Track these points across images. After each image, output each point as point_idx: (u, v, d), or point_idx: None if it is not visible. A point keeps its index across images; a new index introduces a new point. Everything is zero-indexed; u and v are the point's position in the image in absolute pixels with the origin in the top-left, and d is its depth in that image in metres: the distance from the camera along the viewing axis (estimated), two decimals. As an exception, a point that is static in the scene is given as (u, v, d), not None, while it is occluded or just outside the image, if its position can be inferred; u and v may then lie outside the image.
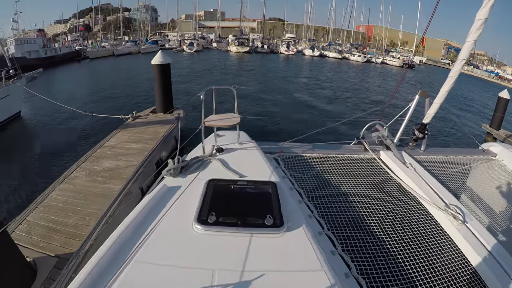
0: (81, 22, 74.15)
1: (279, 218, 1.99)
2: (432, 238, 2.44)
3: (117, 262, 1.62)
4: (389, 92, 24.00)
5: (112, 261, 1.64)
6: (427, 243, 2.36)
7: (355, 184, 3.15)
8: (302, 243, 1.82)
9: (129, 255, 1.66)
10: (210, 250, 1.73)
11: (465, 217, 2.60)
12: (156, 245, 1.76)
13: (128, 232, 1.84)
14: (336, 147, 4.26)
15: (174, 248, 1.74)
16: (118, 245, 1.74)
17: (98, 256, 1.64)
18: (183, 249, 1.73)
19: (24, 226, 4.23)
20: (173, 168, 2.61)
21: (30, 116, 13.68)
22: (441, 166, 3.86)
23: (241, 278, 1.54)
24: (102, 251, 1.67)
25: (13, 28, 38.05)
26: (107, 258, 1.65)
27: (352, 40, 70.99)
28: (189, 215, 2.00)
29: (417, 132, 4.39)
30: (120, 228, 1.85)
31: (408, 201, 2.91)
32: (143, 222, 1.96)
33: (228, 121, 3.16)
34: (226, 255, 1.70)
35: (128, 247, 1.73)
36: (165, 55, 9.49)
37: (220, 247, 1.76)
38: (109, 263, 1.63)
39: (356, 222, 2.56)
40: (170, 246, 1.75)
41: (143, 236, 1.81)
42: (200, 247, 1.75)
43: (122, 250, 1.71)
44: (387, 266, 2.07)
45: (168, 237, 1.83)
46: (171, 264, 1.61)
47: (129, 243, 1.76)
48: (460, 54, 3.66)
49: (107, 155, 6.25)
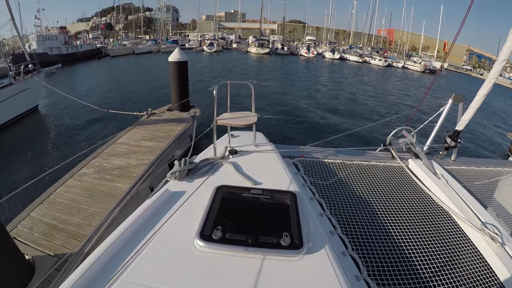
0: (103, 21, 75.72)
1: (298, 237, 1.67)
2: (466, 260, 2.15)
3: (100, 281, 1.34)
4: (410, 97, 23.31)
5: (94, 279, 1.36)
6: (462, 266, 2.08)
7: (382, 196, 2.86)
8: (324, 269, 1.49)
9: (115, 273, 1.37)
10: (213, 273, 1.42)
11: (503, 238, 2.27)
12: (148, 263, 1.45)
13: (117, 245, 1.55)
14: (361, 153, 3.95)
15: (169, 268, 1.43)
16: (104, 260, 1.45)
17: (79, 272, 1.36)
18: (180, 270, 1.42)
19: (27, 222, 4.06)
20: (179, 171, 2.31)
21: (47, 111, 13.80)
22: (473, 178, 3.51)
23: None
24: (84, 267, 1.39)
25: (36, 24, 39.14)
26: (89, 275, 1.37)
27: (373, 44, 69.90)
28: (192, 228, 1.70)
29: (449, 140, 4.04)
30: (109, 239, 1.56)
31: (439, 217, 2.60)
32: (137, 233, 1.67)
33: (243, 120, 2.83)
34: (232, 281, 1.39)
35: (115, 263, 1.44)
36: (182, 52, 9.30)
37: (225, 270, 1.45)
38: (90, 281, 1.36)
39: (383, 240, 2.26)
40: (165, 265, 1.44)
41: (134, 250, 1.52)
42: (201, 269, 1.44)
43: (108, 266, 1.42)
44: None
45: (163, 254, 1.52)
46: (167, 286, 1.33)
47: (118, 258, 1.47)
48: (500, 54, 3.37)
49: (118, 152, 6.06)
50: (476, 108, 3.83)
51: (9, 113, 11.10)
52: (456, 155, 4.16)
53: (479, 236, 2.33)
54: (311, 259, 1.54)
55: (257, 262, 1.49)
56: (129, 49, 44.83)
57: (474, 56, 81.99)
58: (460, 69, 70.52)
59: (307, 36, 74.25)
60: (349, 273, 1.61)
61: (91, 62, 35.56)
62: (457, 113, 4.13)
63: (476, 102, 3.85)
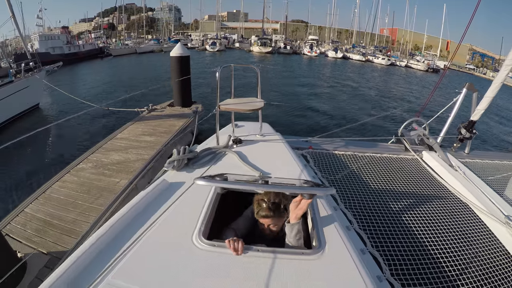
0: (105, 21, 75.72)
1: (316, 234, 1.49)
2: (491, 256, 2.01)
3: (83, 281, 1.14)
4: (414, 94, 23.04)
5: (76, 279, 1.17)
6: (488, 262, 1.94)
7: (397, 189, 2.72)
8: (344, 269, 1.30)
9: (101, 272, 1.17)
10: (218, 275, 1.22)
11: (527, 232, 2.15)
12: (139, 262, 1.25)
13: (104, 241, 1.35)
14: (372, 145, 3.77)
15: (163, 269, 1.22)
16: (89, 258, 1.26)
17: (59, 272, 1.17)
18: (177, 271, 1.22)
19: (21, 218, 3.88)
20: (177, 160, 2.10)
21: (48, 109, 13.66)
22: (489, 172, 3.36)
23: None
24: (65, 266, 1.20)
25: (38, 24, 39.13)
26: (70, 274, 1.18)
27: (376, 43, 69.49)
28: (191, 223, 1.50)
29: (463, 131, 3.86)
30: (96, 235, 1.37)
31: (460, 210, 2.47)
32: (127, 228, 1.47)
33: (248, 105, 2.60)
34: (238, 285, 1.18)
35: (102, 261, 1.24)
36: (184, 47, 9.11)
37: (230, 272, 1.24)
38: (71, 282, 1.16)
39: (404, 236, 2.08)
40: (158, 265, 1.23)
41: (124, 247, 1.32)
42: (202, 271, 1.23)
43: (93, 265, 1.23)
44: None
45: (157, 252, 1.31)
46: None
47: (104, 256, 1.27)
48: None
49: (117, 147, 5.87)
50: (492, 96, 3.67)
51: (10, 111, 10.95)
52: (470, 148, 3.98)
53: (503, 229, 2.22)
54: (330, 258, 1.34)
55: (267, 262, 1.29)
56: (131, 48, 44.77)
57: (477, 55, 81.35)
58: (463, 68, 69.98)
59: (309, 35, 74.01)
60: (372, 272, 1.39)
61: (94, 62, 35.46)
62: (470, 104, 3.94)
63: (492, 90, 3.68)
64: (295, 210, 1.54)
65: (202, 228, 1.46)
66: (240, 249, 1.34)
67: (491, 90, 3.64)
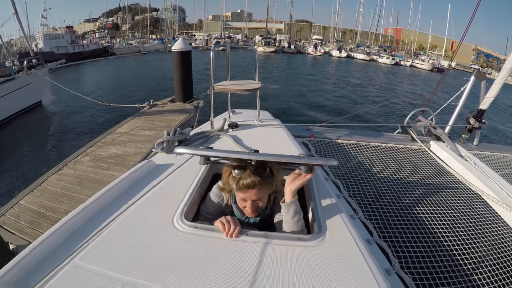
0: (109, 21, 76.10)
1: (315, 219, 1.32)
2: (505, 245, 1.92)
3: (47, 264, 1.01)
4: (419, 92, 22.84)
5: (43, 260, 1.05)
6: (501, 251, 1.85)
7: (405, 179, 2.60)
8: (349, 258, 1.12)
9: (68, 255, 1.05)
10: (196, 260, 1.08)
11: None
12: (111, 244, 1.12)
13: (77, 223, 1.23)
14: (377, 135, 3.65)
15: (137, 251, 1.09)
16: (57, 240, 1.14)
17: (24, 253, 1.05)
18: (151, 254, 1.08)
19: (15, 210, 3.78)
20: (167, 141, 1.98)
21: (51, 105, 13.66)
22: (499, 163, 3.27)
23: None
24: (35, 244, 1.09)
25: (42, 24, 39.35)
26: (37, 254, 1.06)
27: (380, 43, 69.15)
28: (174, 205, 1.35)
29: (472, 121, 3.72)
30: (69, 216, 1.25)
31: (472, 200, 2.36)
32: (105, 209, 1.34)
33: (245, 86, 2.46)
34: (221, 271, 1.04)
35: (72, 244, 1.12)
36: (186, 42, 9.00)
37: (213, 257, 1.09)
38: (38, 263, 1.04)
39: (413, 227, 1.94)
40: (131, 248, 1.10)
41: (97, 229, 1.20)
42: (180, 254, 1.09)
43: (63, 248, 1.11)
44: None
45: (132, 234, 1.18)
46: (124, 275, 0.98)
47: (75, 239, 1.14)
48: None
49: (116, 141, 5.76)
50: (501, 83, 3.54)
51: (12, 107, 10.93)
52: (478, 140, 3.86)
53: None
54: (331, 245, 1.16)
55: (257, 247, 1.13)
56: (135, 48, 44.96)
57: (482, 56, 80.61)
58: (468, 68, 69.39)
59: (313, 35, 73.82)
60: (381, 265, 1.20)
61: (98, 61, 35.51)
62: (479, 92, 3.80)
63: (502, 77, 3.55)
64: (292, 182, 1.28)
65: (185, 209, 1.32)
66: (235, 234, 1.16)
67: (501, 77, 3.51)
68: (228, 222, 1.19)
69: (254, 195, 1.29)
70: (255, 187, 1.26)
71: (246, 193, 1.28)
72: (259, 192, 1.29)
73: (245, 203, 1.34)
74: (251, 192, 1.27)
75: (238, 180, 1.25)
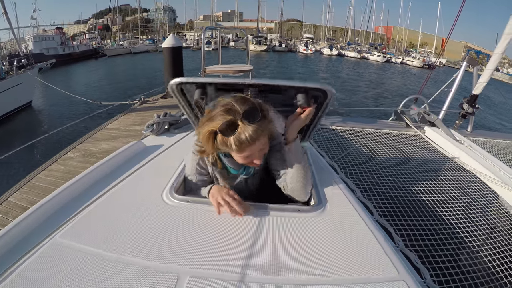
0: (100, 22, 75.35)
1: (314, 191, 1.27)
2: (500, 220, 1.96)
3: (28, 243, 0.96)
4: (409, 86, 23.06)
5: (21, 241, 1.00)
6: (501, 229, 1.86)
7: (401, 162, 2.61)
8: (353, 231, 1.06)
9: (50, 233, 1.00)
10: (187, 232, 1.02)
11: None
12: (94, 221, 1.07)
13: (61, 201, 1.18)
14: (371, 121, 3.66)
15: (122, 227, 1.03)
16: (40, 218, 1.09)
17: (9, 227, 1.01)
18: (137, 229, 1.02)
19: (3, 207, 3.68)
20: (157, 123, 1.93)
21: (41, 106, 13.52)
22: (493, 149, 3.28)
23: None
24: (18, 220, 1.04)
25: (32, 25, 38.79)
26: (20, 232, 1.01)
27: (371, 41, 69.63)
28: (163, 181, 1.29)
29: (466, 106, 3.72)
30: (52, 194, 1.20)
31: (469, 180, 2.39)
32: (90, 188, 1.30)
33: (236, 68, 2.39)
34: (214, 240, 0.98)
35: (54, 221, 1.07)
36: (177, 38, 8.91)
37: (205, 228, 1.03)
38: (21, 240, 0.99)
39: (414, 206, 1.94)
40: (116, 224, 1.04)
41: (81, 207, 1.14)
42: (169, 227, 1.03)
43: (44, 226, 1.07)
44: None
45: (117, 211, 1.12)
46: (106, 250, 0.93)
47: (58, 217, 1.10)
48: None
49: (106, 136, 5.67)
50: (493, 68, 3.57)
51: (2, 107, 10.81)
52: (472, 126, 3.87)
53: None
54: (332, 216, 1.11)
55: (254, 221, 1.07)
56: (126, 48, 44.61)
57: (472, 52, 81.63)
58: (458, 65, 70.26)
59: (304, 34, 74.03)
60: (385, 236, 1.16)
61: (88, 62, 35.25)
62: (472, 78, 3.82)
63: (493, 61, 3.59)
64: (294, 121, 1.18)
65: (175, 184, 1.26)
66: (242, 212, 1.06)
67: (492, 61, 3.55)
68: (231, 198, 1.08)
69: (259, 145, 1.08)
70: (258, 136, 1.03)
71: (251, 148, 1.05)
72: (262, 138, 1.07)
73: (249, 160, 1.12)
74: (255, 145, 1.05)
75: (236, 139, 1.00)
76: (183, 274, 0.82)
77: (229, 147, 1.02)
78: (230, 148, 1.03)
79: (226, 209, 1.05)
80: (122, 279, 0.80)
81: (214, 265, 0.86)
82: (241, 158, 1.10)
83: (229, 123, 0.98)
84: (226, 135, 0.99)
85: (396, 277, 0.86)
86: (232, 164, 1.24)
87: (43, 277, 0.81)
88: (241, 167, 1.25)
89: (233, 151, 1.06)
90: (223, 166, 1.28)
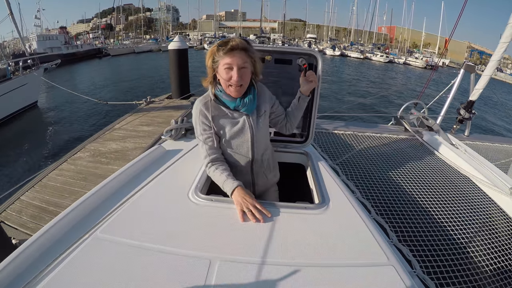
0: (103, 22, 75.65)
1: (318, 190, 1.46)
2: (496, 224, 2.06)
3: (71, 238, 1.09)
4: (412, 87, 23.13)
5: (64, 235, 1.13)
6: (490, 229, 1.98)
7: (400, 164, 2.77)
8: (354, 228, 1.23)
9: (89, 229, 1.13)
10: (210, 228, 1.17)
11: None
12: (129, 217, 1.21)
13: (97, 200, 1.32)
14: (372, 126, 3.79)
15: (154, 223, 1.18)
16: (79, 215, 1.22)
17: (47, 227, 1.13)
18: (168, 225, 1.17)
19: (16, 206, 3.79)
20: (175, 129, 2.07)
21: (47, 106, 13.65)
22: (489, 153, 3.40)
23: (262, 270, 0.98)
24: (53, 222, 1.16)
25: (36, 24, 39.03)
26: (61, 228, 1.14)
27: (374, 41, 69.56)
28: (187, 182, 1.45)
29: (462, 112, 3.84)
30: (89, 194, 1.33)
31: (464, 183, 2.51)
32: (122, 189, 1.44)
33: None
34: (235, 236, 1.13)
35: (92, 219, 1.20)
36: (183, 40, 9.04)
37: (227, 225, 1.19)
38: (63, 235, 1.12)
39: (409, 206, 2.08)
40: (149, 220, 1.19)
41: (116, 206, 1.27)
42: (195, 224, 1.18)
43: (83, 222, 1.19)
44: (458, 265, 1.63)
45: (149, 209, 1.28)
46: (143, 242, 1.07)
47: (95, 214, 1.23)
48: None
49: (115, 137, 5.80)
50: (489, 75, 3.68)
51: (8, 108, 10.89)
52: (469, 131, 3.98)
53: (508, 200, 2.23)
54: (335, 214, 1.29)
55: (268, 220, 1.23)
56: (129, 48, 44.79)
57: (475, 53, 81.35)
58: (460, 65, 69.95)
59: (307, 34, 74.04)
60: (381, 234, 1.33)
61: (92, 61, 35.39)
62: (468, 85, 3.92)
63: (490, 68, 3.70)
64: (306, 85, 1.62)
65: (199, 185, 1.41)
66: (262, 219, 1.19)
67: (489, 68, 3.65)
68: (254, 208, 1.21)
69: (240, 59, 1.29)
70: (243, 49, 1.29)
71: (233, 56, 1.28)
72: (245, 57, 1.31)
73: (230, 73, 1.31)
74: (237, 56, 1.29)
75: (226, 43, 1.29)
76: (214, 259, 0.98)
77: (221, 50, 1.28)
78: (219, 53, 1.29)
79: (250, 218, 1.19)
80: (161, 266, 0.94)
81: (239, 252, 1.02)
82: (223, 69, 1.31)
83: (226, 40, 1.31)
84: (221, 45, 1.29)
85: (386, 262, 1.02)
86: (226, 97, 1.42)
87: (88, 267, 0.93)
88: (235, 100, 1.42)
89: (220, 55, 1.30)
90: (221, 102, 1.45)
